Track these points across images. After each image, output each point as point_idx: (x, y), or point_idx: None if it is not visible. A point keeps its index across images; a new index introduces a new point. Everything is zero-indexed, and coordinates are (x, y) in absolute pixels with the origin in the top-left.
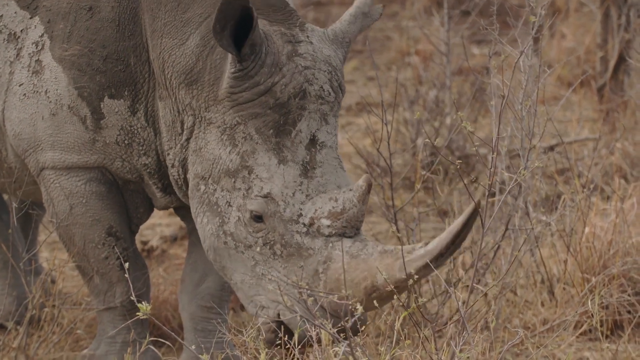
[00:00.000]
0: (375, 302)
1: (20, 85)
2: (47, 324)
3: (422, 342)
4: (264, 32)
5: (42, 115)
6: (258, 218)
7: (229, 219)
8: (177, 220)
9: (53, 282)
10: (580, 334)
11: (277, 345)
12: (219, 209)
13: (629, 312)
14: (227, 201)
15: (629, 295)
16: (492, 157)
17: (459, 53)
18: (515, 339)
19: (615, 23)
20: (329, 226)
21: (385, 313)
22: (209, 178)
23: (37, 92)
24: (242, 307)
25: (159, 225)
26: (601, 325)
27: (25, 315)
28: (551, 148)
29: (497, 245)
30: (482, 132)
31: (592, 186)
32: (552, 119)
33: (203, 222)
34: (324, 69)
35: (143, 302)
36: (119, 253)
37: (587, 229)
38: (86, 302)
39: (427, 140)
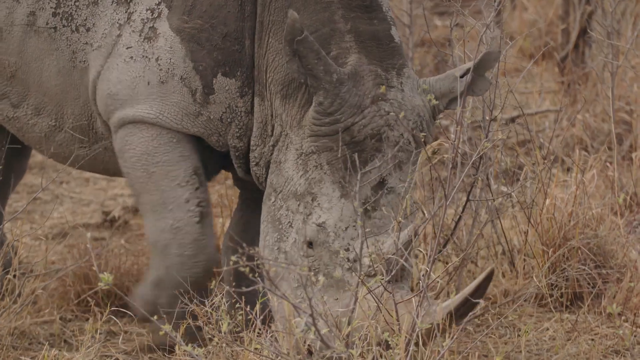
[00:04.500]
0: None
1: (127, 48)
2: (8, 293)
3: (383, 312)
4: (355, 71)
5: (148, 81)
6: (310, 244)
7: (287, 238)
8: None
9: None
10: (540, 305)
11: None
12: (281, 226)
13: (588, 283)
14: (289, 221)
15: (588, 267)
16: (456, 130)
17: (421, 24)
18: (476, 310)
19: None
20: (369, 266)
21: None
22: (279, 193)
23: (147, 57)
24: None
25: (121, 196)
26: (561, 297)
27: None
28: (512, 120)
29: (458, 217)
30: None
31: (552, 158)
32: (514, 90)
33: (264, 230)
34: (409, 117)
35: (105, 273)
36: (200, 200)
37: (547, 201)
38: (47, 271)
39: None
